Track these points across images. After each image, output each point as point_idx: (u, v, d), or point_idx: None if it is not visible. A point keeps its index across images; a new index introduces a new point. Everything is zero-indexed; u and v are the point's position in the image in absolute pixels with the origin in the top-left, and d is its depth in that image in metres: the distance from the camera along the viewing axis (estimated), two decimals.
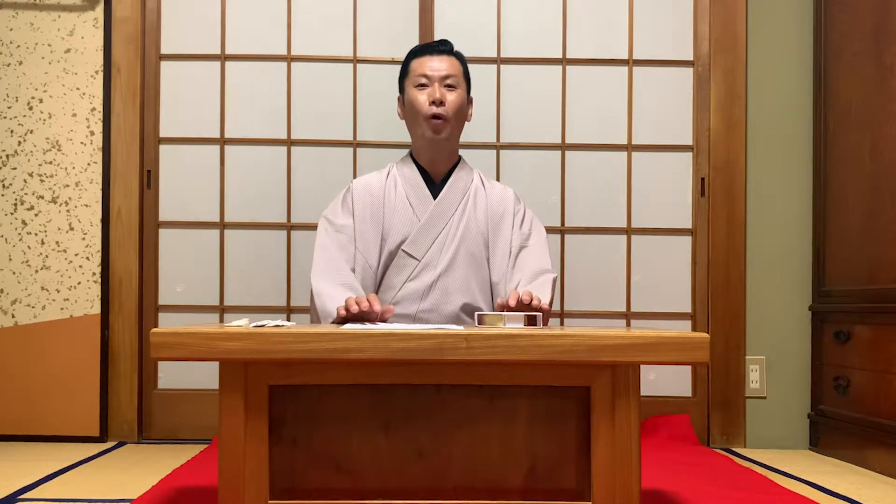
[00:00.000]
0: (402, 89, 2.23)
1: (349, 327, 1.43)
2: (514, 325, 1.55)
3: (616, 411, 1.40)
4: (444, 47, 2.20)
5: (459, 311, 2.13)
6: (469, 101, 2.24)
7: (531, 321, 1.60)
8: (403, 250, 2.13)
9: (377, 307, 1.76)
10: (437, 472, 1.43)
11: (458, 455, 1.43)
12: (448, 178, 2.20)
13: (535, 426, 1.43)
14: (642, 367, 1.46)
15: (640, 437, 1.42)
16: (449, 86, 2.14)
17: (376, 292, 2.16)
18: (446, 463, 1.43)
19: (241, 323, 1.49)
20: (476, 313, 1.64)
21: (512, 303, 1.76)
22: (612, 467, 1.40)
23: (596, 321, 2.86)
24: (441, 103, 2.11)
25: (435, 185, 2.19)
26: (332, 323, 1.90)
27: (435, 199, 2.17)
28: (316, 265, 2.11)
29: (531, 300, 1.77)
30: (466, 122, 2.26)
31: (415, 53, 2.21)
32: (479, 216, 2.18)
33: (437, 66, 2.15)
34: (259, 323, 1.45)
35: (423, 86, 2.14)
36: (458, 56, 2.22)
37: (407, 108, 2.20)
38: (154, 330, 1.34)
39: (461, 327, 1.47)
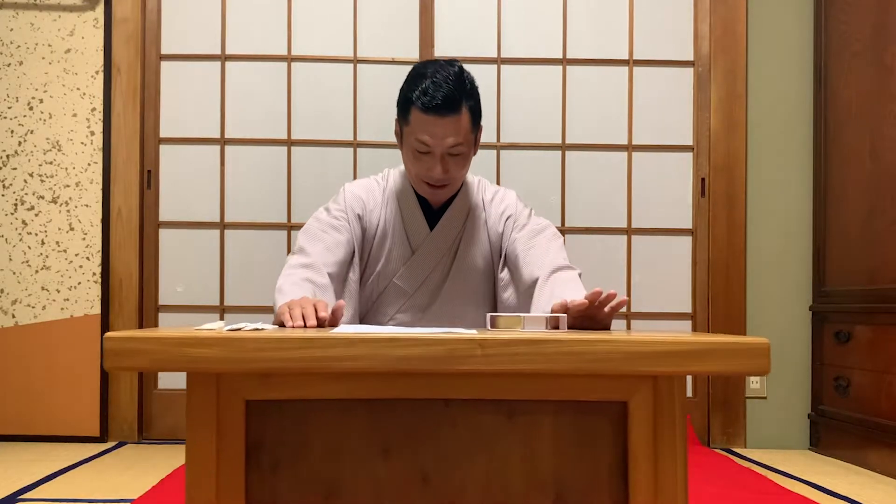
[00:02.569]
0: (399, 115, 1.83)
1: (341, 330, 1.22)
2: (534, 328, 1.34)
3: (658, 430, 1.21)
4: (453, 104, 1.72)
5: None
6: (478, 133, 1.84)
7: (554, 324, 1.36)
8: (395, 282, 1.89)
9: (322, 315, 1.43)
10: (445, 502, 1.23)
11: (470, 482, 1.22)
12: (448, 205, 1.89)
13: (561, 448, 1.22)
14: None
15: (686, 460, 1.21)
16: (454, 154, 1.76)
17: (365, 316, 1.92)
18: (457, 492, 1.23)
19: (213, 326, 1.25)
20: (488, 314, 1.40)
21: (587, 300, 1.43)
22: (654, 496, 1.22)
23: None
24: (442, 179, 1.78)
25: (433, 210, 1.90)
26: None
27: (432, 228, 1.89)
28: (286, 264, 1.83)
29: (604, 297, 1.44)
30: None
31: (417, 99, 1.73)
32: (482, 246, 1.91)
33: (441, 133, 1.72)
34: (234, 326, 1.23)
35: (424, 152, 1.75)
36: (469, 100, 1.76)
37: (403, 155, 1.85)
38: (108, 334, 1.10)
39: (474, 331, 1.25)
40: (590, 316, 1.47)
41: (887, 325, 2.41)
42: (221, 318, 2.85)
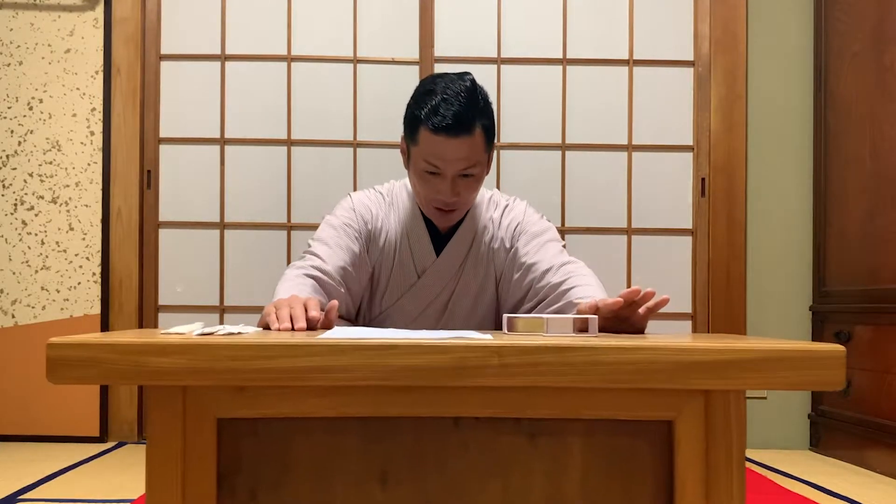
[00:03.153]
0: (406, 134, 1.70)
1: (333, 334, 1.05)
2: (559, 331, 1.16)
3: (711, 455, 1.02)
4: (465, 124, 1.59)
5: None
6: (491, 152, 1.74)
7: (581, 326, 1.17)
8: (397, 307, 1.80)
9: (314, 315, 1.27)
10: None
11: None
12: (456, 228, 1.79)
13: (592, 475, 1.03)
14: None
15: (744, 491, 1.04)
16: (466, 175, 1.65)
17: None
18: None
19: (184, 329, 1.06)
20: (505, 315, 1.21)
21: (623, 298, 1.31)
22: None
23: None
24: (452, 203, 1.68)
25: (440, 234, 1.79)
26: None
27: (438, 252, 1.78)
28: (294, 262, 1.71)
29: (644, 294, 1.30)
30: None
31: (426, 118, 1.60)
32: (488, 268, 1.80)
33: (453, 155, 1.60)
34: (206, 330, 1.04)
35: (433, 173, 1.63)
36: (482, 118, 1.65)
37: (410, 175, 1.74)
38: (52, 340, 0.93)
39: (489, 336, 1.08)
40: (622, 318, 1.33)
41: (887, 325, 2.41)
42: (221, 319, 2.85)
